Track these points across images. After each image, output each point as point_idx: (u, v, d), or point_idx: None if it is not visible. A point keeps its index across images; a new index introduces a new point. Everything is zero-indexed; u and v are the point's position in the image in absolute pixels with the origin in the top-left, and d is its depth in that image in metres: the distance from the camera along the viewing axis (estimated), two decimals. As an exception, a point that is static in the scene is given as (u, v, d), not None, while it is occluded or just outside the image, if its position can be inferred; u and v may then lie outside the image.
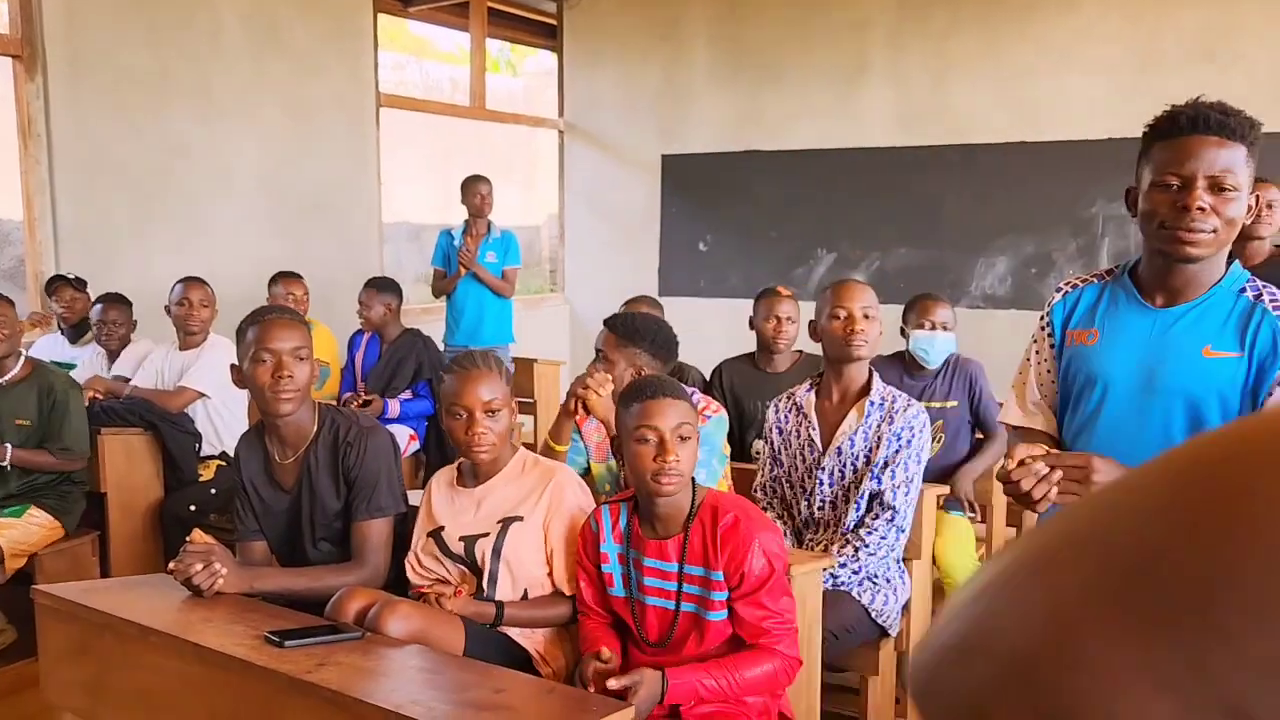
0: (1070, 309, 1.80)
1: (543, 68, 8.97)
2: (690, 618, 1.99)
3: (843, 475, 2.59)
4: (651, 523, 2.03)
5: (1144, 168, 1.66)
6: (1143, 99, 5.71)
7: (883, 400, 2.59)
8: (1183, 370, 1.65)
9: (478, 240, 5.46)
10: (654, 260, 7.39)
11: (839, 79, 6.67)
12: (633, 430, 1.96)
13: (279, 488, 2.37)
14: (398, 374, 4.47)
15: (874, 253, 6.69)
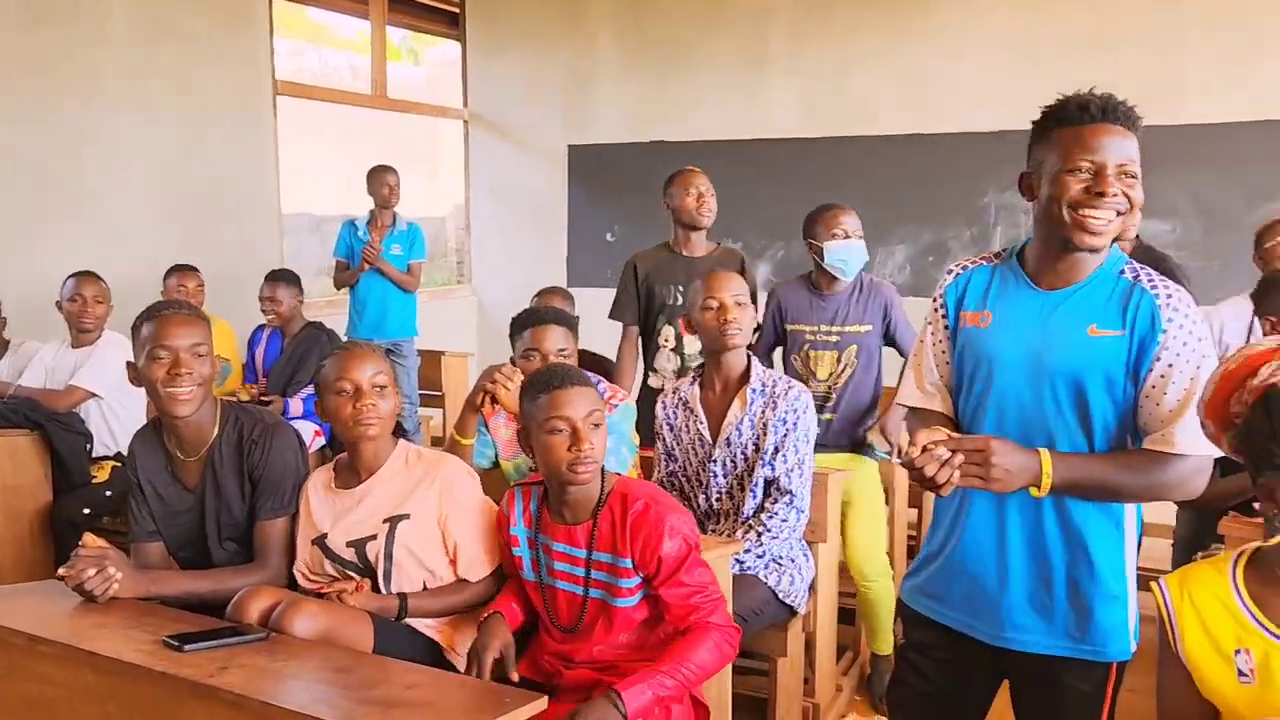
0: (962, 291, 1.81)
1: (446, 57, 8.85)
2: (598, 604, 1.99)
3: (735, 465, 2.64)
4: (561, 509, 2.02)
5: (1048, 153, 1.67)
6: (1032, 93, 5.91)
7: (764, 386, 2.63)
8: (1069, 350, 1.68)
9: (382, 232, 5.37)
10: (562, 251, 7.37)
11: (743, 70, 6.73)
12: (543, 421, 1.94)
13: (182, 487, 2.30)
14: (300, 369, 4.36)
15: (778, 242, 6.78)
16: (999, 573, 1.74)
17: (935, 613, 1.84)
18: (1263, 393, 1.42)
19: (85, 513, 3.54)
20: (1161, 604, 1.49)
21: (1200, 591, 1.46)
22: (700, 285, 2.67)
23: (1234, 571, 1.46)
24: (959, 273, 1.83)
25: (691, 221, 3.54)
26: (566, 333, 2.72)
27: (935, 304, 1.86)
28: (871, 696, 3.17)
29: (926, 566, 1.87)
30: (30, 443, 3.53)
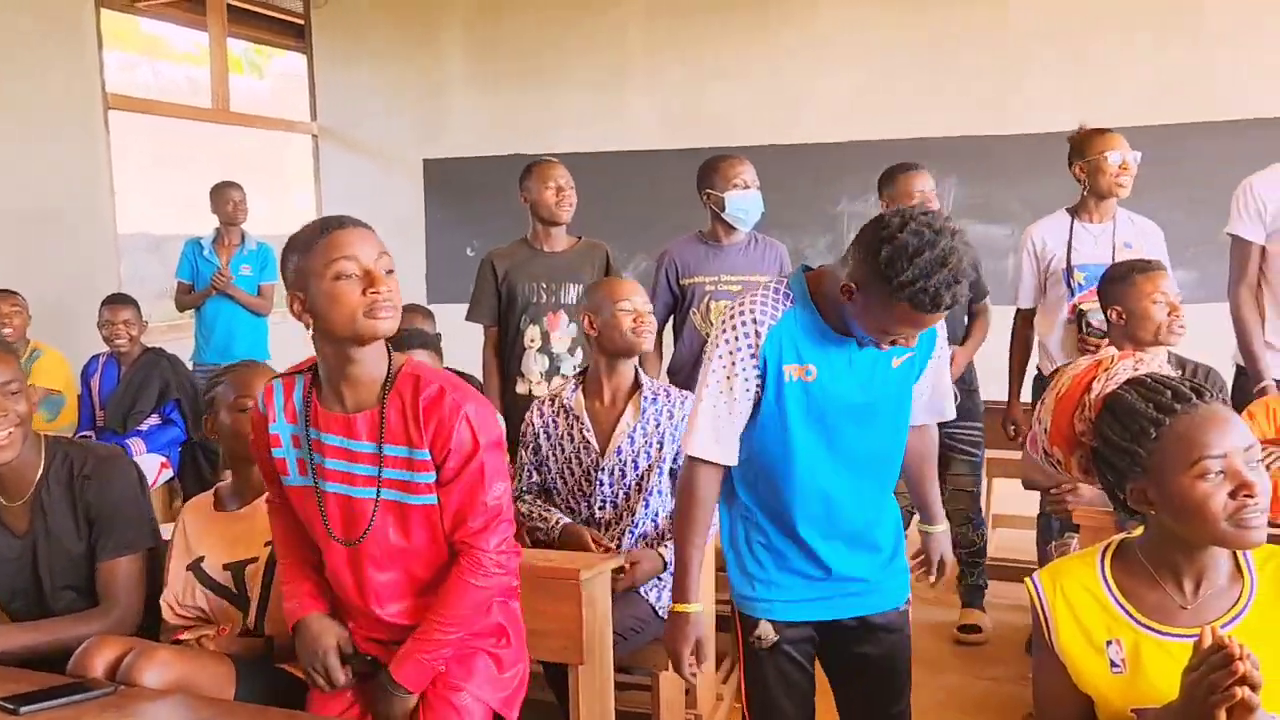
0: (778, 344, 1.76)
1: (290, 69, 8.55)
2: (392, 506, 1.72)
3: (624, 474, 2.58)
4: (340, 393, 1.71)
5: (886, 301, 1.62)
6: (879, 105, 6.15)
7: (655, 395, 2.59)
8: (888, 386, 1.82)
9: (230, 251, 5.13)
10: (420, 267, 7.21)
11: (601, 82, 6.75)
12: (324, 268, 1.62)
13: (9, 533, 2.10)
14: (140, 398, 4.12)
15: (640, 254, 6.80)
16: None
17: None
18: (1105, 403, 1.48)
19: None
20: (1036, 598, 1.52)
21: (1071, 585, 1.51)
22: (608, 289, 2.60)
23: (1102, 564, 1.51)
24: (774, 321, 1.75)
25: (551, 216, 3.42)
26: (431, 354, 2.65)
27: (750, 344, 1.75)
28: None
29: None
30: None
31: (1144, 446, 1.40)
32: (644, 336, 2.56)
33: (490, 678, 1.82)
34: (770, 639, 1.90)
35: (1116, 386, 1.48)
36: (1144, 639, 1.45)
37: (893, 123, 6.00)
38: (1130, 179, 3.15)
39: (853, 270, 1.65)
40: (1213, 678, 1.23)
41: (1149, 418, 1.40)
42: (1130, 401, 1.43)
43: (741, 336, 1.75)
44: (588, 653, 2.11)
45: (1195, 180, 5.26)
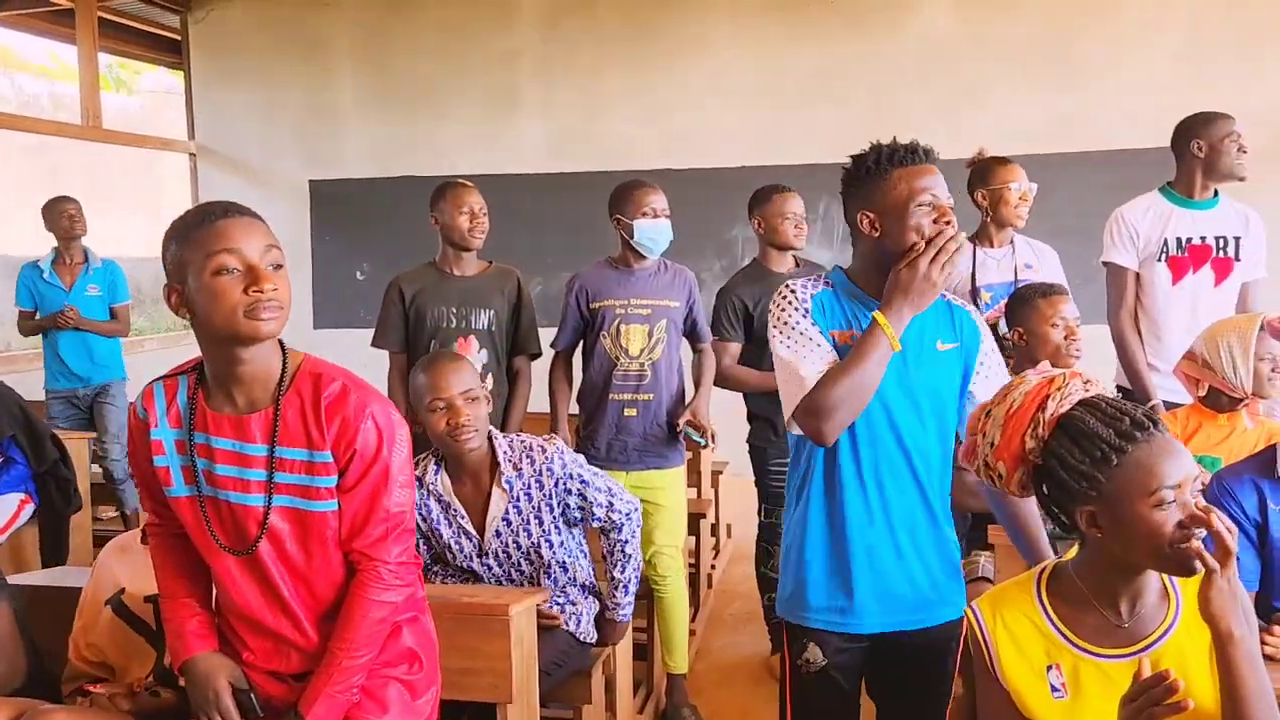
0: (823, 308, 1.88)
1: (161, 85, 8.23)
2: (289, 514, 1.60)
3: (509, 554, 2.45)
4: (228, 393, 1.58)
5: (886, 192, 1.81)
6: (770, 131, 6.29)
7: (518, 468, 2.39)
8: (928, 365, 1.86)
9: (74, 271, 4.85)
10: (307, 292, 6.99)
11: (492, 106, 6.69)
12: (205, 260, 1.48)
13: None
14: None
15: (536, 277, 6.75)
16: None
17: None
18: (1058, 423, 1.50)
19: None
20: (976, 628, 1.53)
21: (1010, 613, 1.52)
22: (423, 381, 2.34)
23: (1038, 590, 1.53)
24: (814, 292, 1.89)
25: (463, 242, 3.31)
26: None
27: (800, 308, 1.87)
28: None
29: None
30: None
31: (1103, 472, 1.41)
32: (462, 436, 2.29)
33: (405, 707, 1.72)
34: (819, 662, 1.91)
35: (1070, 408, 1.49)
36: (1083, 662, 1.48)
37: (787, 149, 6.13)
38: (1027, 209, 3.29)
39: (856, 209, 1.84)
40: (1152, 710, 1.27)
41: (1111, 444, 1.41)
42: (1091, 426, 1.44)
43: (789, 306, 1.87)
44: (517, 691, 2.05)
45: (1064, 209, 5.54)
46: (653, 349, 3.20)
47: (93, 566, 2.04)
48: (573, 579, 2.54)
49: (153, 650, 1.93)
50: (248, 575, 1.64)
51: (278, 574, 1.63)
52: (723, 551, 4.86)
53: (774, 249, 3.48)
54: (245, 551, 1.61)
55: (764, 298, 3.43)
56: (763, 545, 3.61)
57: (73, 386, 4.82)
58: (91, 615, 1.96)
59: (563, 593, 2.54)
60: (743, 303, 3.43)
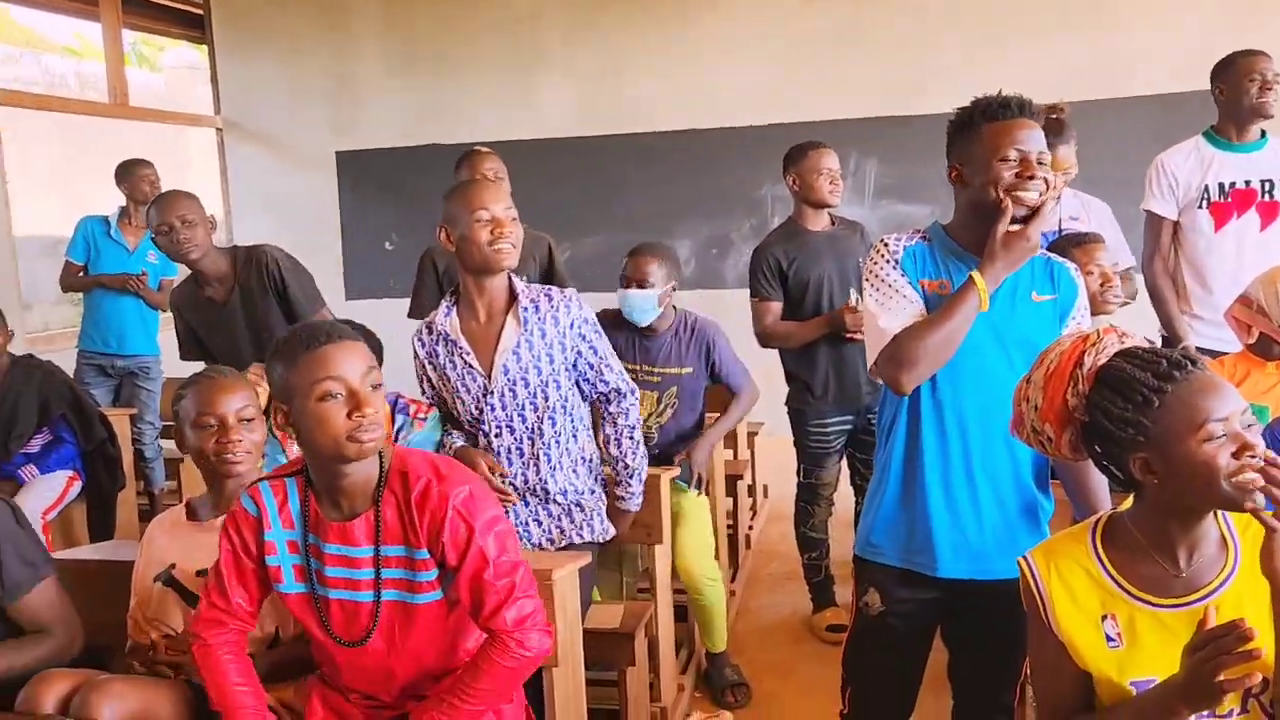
0: (916, 260, 1.92)
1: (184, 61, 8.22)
2: (396, 606, 1.67)
3: (514, 394, 2.36)
4: (335, 500, 1.66)
5: (974, 145, 1.85)
6: (799, 87, 6.19)
7: (534, 303, 2.35)
8: (1022, 316, 1.88)
9: (139, 234, 4.84)
10: (337, 262, 7.01)
11: (517, 71, 6.65)
12: (310, 387, 1.56)
13: None
14: (18, 416, 3.60)
15: (564, 242, 6.68)
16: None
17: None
18: (1097, 376, 1.48)
19: None
20: (1030, 578, 1.52)
21: (1064, 563, 1.51)
22: (465, 198, 2.31)
23: (1093, 540, 1.52)
24: (907, 244, 1.93)
25: None
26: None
27: (890, 260, 1.92)
28: (712, 691, 3.16)
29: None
30: None
31: (1147, 415, 1.40)
32: (503, 251, 2.28)
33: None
34: (876, 607, 1.96)
35: (1108, 360, 1.48)
36: (1139, 612, 1.46)
37: (813, 105, 6.04)
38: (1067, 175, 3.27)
39: (951, 161, 1.90)
40: (1222, 659, 1.25)
41: (1150, 386, 1.40)
42: (1130, 372, 1.43)
43: (879, 258, 1.93)
44: (563, 655, 2.06)
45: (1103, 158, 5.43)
46: (661, 413, 3.16)
47: (141, 544, 2.06)
48: (578, 458, 2.44)
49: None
50: (359, 660, 1.71)
51: (389, 658, 1.71)
52: (760, 511, 4.86)
53: (809, 206, 3.43)
54: (358, 644, 1.69)
55: (799, 255, 3.40)
56: (802, 505, 3.60)
57: (107, 351, 4.82)
58: (145, 592, 1.99)
59: (575, 504, 2.45)
60: (777, 260, 3.40)
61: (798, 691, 3.19)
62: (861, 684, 2.07)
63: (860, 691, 2.07)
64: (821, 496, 3.57)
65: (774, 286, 3.41)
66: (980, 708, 2.06)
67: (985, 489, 1.90)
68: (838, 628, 3.45)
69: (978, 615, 1.96)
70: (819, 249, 3.42)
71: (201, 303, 3.29)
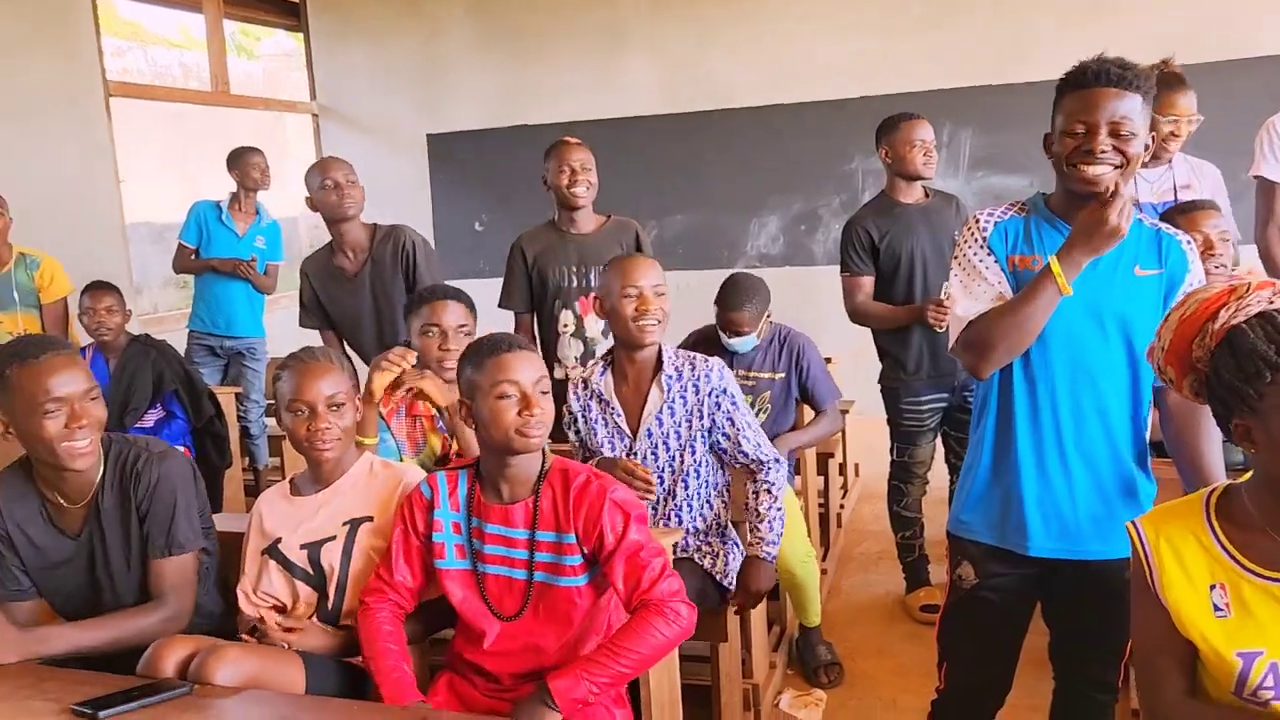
0: (1006, 236, 1.89)
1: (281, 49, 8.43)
2: (542, 588, 1.87)
3: (656, 456, 2.51)
4: (498, 488, 1.90)
5: (1056, 115, 1.82)
6: (887, 60, 6.06)
7: (678, 371, 2.48)
8: (1121, 290, 1.83)
9: (248, 220, 5.02)
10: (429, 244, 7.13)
11: (601, 49, 6.65)
12: (490, 387, 1.83)
13: (61, 534, 2.05)
14: (134, 391, 3.84)
15: (649, 222, 6.73)
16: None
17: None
18: (1225, 335, 1.43)
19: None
20: (1139, 545, 1.50)
21: (1175, 530, 1.48)
22: (618, 269, 2.46)
23: (1207, 509, 1.48)
24: (999, 219, 1.90)
25: (566, 201, 3.33)
26: (467, 310, 2.63)
27: (978, 239, 1.90)
28: (805, 671, 3.15)
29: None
30: None
31: (1255, 388, 1.37)
32: (645, 328, 2.40)
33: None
34: (970, 580, 1.95)
35: (1244, 320, 1.43)
36: (1249, 584, 1.42)
37: (903, 76, 5.91)
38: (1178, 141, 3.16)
39: (1049, 130, 1.85)
40: None
41: (1268, 361, 1.36)
42: (1251, 341, 1.39)
43: (968, 236, 1.92)
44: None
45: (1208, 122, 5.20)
46: (756, 415, 3.16)
47: (249, 519, 2.13)
48: (709, 519, 2.54)
49: (315, 593, 2.02)
50: (510, 635, 1.88)
51: (536, 635, 1.88)
52: (851, 490, 4.82)
53: (902, 179, 3.38)
54: (512, 619, 1.88)
55: (891, 229, 3.34)
56: (895, 484, 3.56)
57: (216, 332, 4.99)
58: (254, 566, 2.07)
59: (700, 536, 2.55)
60: (869, 235, 3.35)
61: (892, 671, 3.17)
62: (957, 659, 2.04)
63: (956, 667, 2.05)
64: (915, 475, 3.52)
65: (865, 261, 3.37)
66: (1081, 687, 2.02)
67: (1079, 467, 1.86)
68: (932, 608, 3.41)
69: (1076, 594, 1.92)
70: (912, 222, 3.36)
71: (333, 271, 3.43)
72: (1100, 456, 1.86)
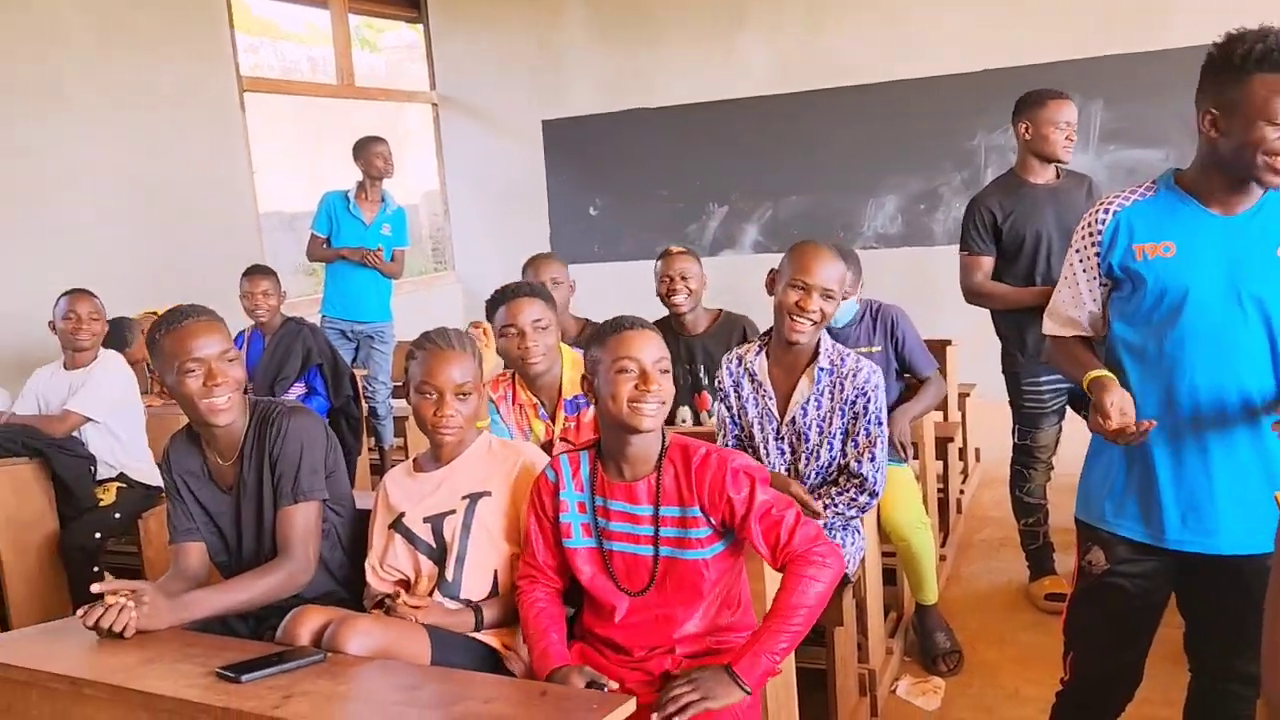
0: (1131, 224, 1.83)
1: (402, 41, 8.64)
2: (668, 562, 1.90)
3: (793, 447, 2.52)
4: (619, 466, 1.94)
5: (1239, 95, 1.66)
6: (1015, 30, 5.85)
7: (832, 365, 2.48)
8: (1261, 271, 1.75)
9: (374, 209, 5.20)
10: (544, 229, 7.25)
11: (715, 30, 6.61)
12: (611, 364, 1.88)
13: (218, 489, 2.22)
14: (285, 364, 4.24)
15: (765, 203, 6.69)
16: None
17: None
18: None
19: (96, 537, 3.43)
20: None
21: None
22: (790, 258, 2.45)
23: None
24: (1117, 209, 1.85)
25: (671, 308, 3.38)
26: (543, 304, 2.67)
27: (1088, 240, 1.89)
28: (923, 659, 3.10)
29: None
30: (32, 471, 3.39)
31: None
32: (798, 327, 2.41)
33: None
34: (1100, 566, 1.90)
35: None
36: None
37: (1031, 46, 5.70)
38: None
39: (1202, 105, 1.73)
40: None
41: None
42: None
43: (1084, 230, 1.89)
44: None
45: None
46: None
47: (376, 495, 2.22)
48: (863, 510, 2.53)
49: (435, 567, 2.09)
50: (639, 609, 1.92)
51: (665, 608, 1.91)
52: (971, 475, 4.70)
53: (1036, 159, 3.25)
54: (640, 593, 1.91)
55: (1015, 210, 3.24)
56: (1017, 468, 3.47)
57: (346, 318, 5.19)
58: (380, 540, 2.15)
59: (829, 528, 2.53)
60: (991, 214, 3.26)
61: (1014, 660, 3.09)
62: (1085, 648, 1.99)
63: (1084, 656, 1.99)
64: (1038, 459, 3.42)
65: (986, 241, 3.28)
66: (1221, 680, 1.93)
67: (1219, 457, 1.77)
68: (1057, 596, 3.31)
69: (1214, 588, 1.84)
70: (1039, 203, 3.24)
71: None
72: (1242, 446, 1.77)
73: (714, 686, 1.71)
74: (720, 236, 6.79)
